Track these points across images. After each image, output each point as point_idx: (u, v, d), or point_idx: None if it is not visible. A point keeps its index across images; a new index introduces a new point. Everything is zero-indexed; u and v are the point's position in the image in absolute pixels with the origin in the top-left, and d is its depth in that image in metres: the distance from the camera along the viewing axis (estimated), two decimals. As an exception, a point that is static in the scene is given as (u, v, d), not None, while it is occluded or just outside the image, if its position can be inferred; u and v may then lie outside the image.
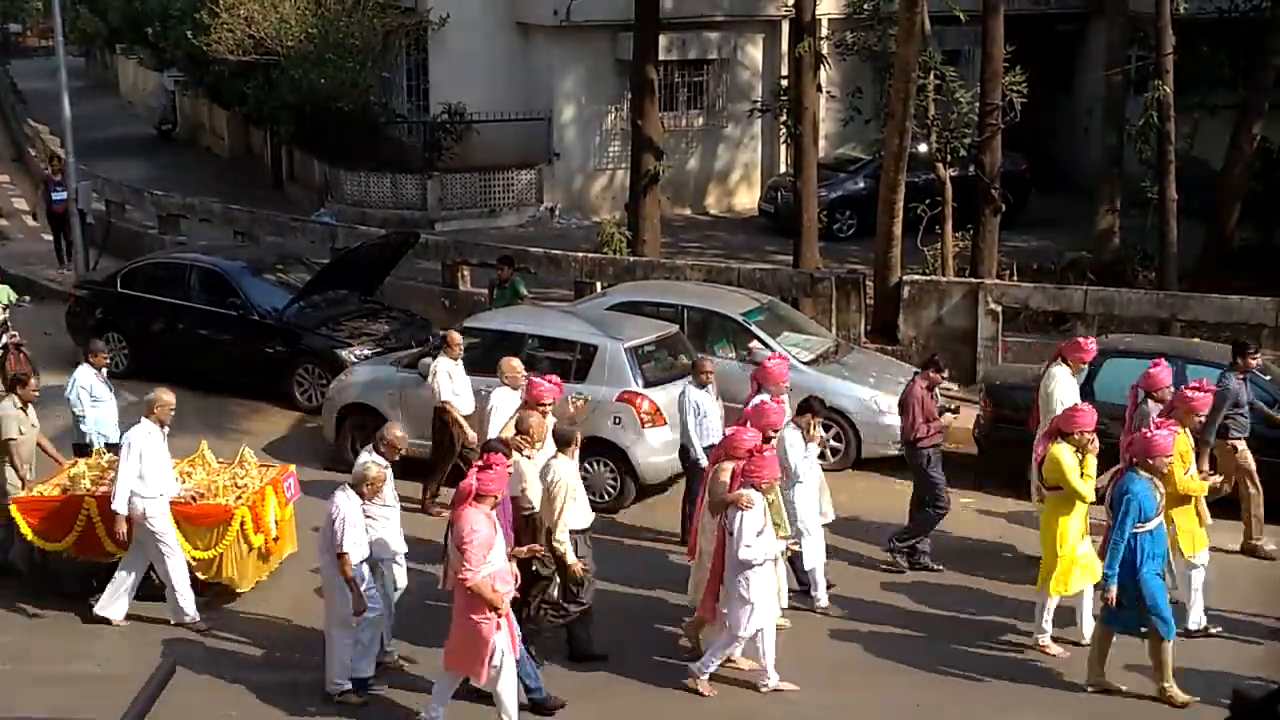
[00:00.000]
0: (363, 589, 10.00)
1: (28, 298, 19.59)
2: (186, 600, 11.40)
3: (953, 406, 13.60)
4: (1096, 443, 10.78)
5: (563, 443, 10.60)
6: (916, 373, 13.05)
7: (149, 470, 11.18)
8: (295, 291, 17.79)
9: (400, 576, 10.86)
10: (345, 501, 10.01)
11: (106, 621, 11.43)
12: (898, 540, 12.61)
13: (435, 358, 13.86)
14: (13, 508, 11.74)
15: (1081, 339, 13.19)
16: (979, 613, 11.75)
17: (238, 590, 11.84)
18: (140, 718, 4.66)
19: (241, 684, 10.57)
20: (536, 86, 27.66)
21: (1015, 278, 20.14)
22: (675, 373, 14.53)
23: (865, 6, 23.19)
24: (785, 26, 26.68)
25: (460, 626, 9.49)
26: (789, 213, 22.46)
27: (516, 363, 12.75)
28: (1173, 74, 19.20)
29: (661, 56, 23.47)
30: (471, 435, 13.28)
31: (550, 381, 11.52)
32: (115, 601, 11.48)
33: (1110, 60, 22.73)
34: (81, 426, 13.07)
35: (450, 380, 13.55)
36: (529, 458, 10.58)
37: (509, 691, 9.56)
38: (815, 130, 21.54)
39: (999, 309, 17.38)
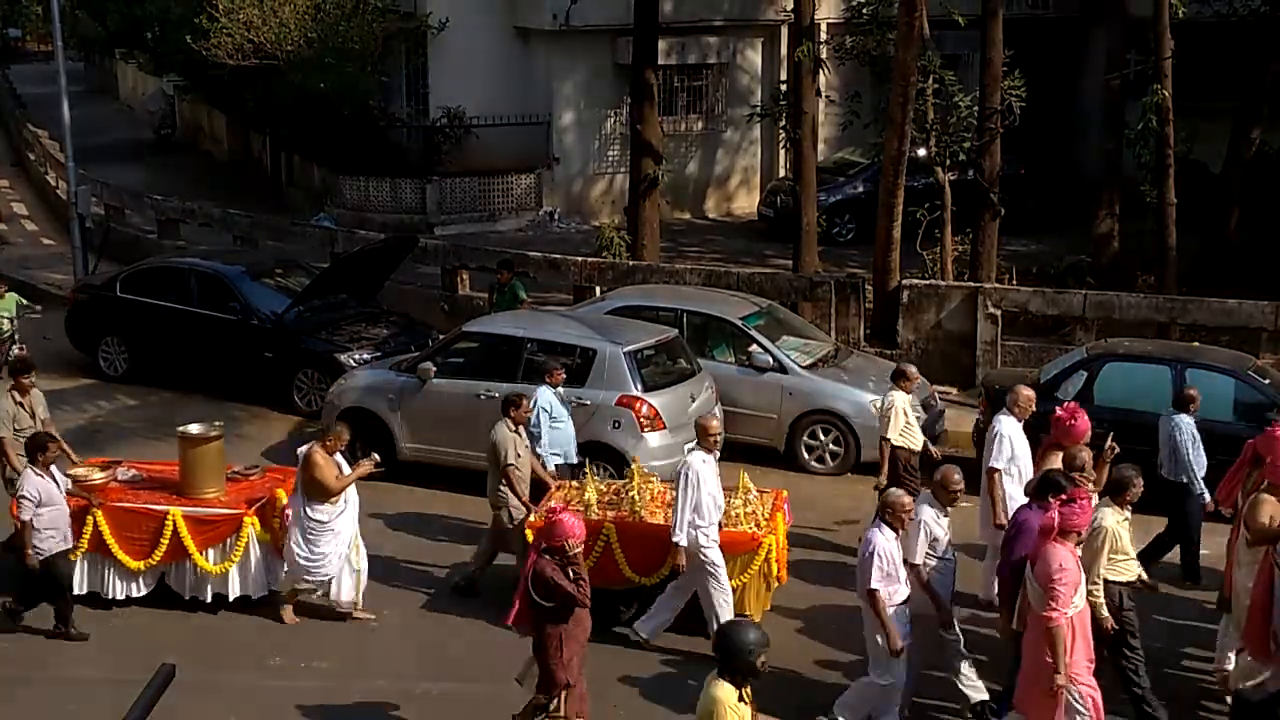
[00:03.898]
0: (898, 631, 9.46)
1: (40, 306, 19.56)
2: None
3: None
4: None
5: (1115, 490, 9.83)
6: None
7: (704, 498, 10.74)
8: (294, 296, 17.79)
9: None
10: (878, 536, 9.45)
11: (640, 645, 11.08)
12: None
13: (891, 388, 12.78)
14: (529, 532, 11.09)
15: None
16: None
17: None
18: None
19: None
20: (535, 91, 27.67)
21: (1014, 282, 20.16)
22: (674, 377, 14.56)
23: (864, 11, 23.27)
24: (784, 31, 26.74)
25: (1035, 668, 8.94)
26: (788, 217, 22.46)
27: (1031, 394, 11.95)
28: (1171, 78, 19.23)
29: (660, 61, 23.52)
30: (883, 480, 12.52)
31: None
32: (650, 623, 11.11)
33: (1109, 64, 22.75)
34: (537, 448, 12.36)
35: (904, 417, 12.61)
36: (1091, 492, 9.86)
37: None
38: (814, 134, 21.55)
39: (998, 313, 17.40)
